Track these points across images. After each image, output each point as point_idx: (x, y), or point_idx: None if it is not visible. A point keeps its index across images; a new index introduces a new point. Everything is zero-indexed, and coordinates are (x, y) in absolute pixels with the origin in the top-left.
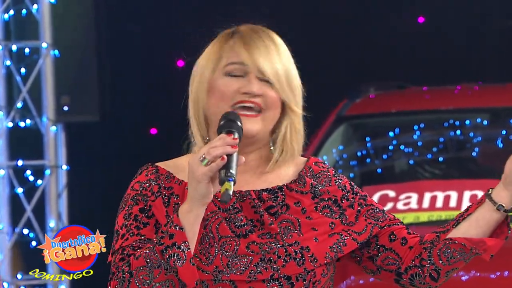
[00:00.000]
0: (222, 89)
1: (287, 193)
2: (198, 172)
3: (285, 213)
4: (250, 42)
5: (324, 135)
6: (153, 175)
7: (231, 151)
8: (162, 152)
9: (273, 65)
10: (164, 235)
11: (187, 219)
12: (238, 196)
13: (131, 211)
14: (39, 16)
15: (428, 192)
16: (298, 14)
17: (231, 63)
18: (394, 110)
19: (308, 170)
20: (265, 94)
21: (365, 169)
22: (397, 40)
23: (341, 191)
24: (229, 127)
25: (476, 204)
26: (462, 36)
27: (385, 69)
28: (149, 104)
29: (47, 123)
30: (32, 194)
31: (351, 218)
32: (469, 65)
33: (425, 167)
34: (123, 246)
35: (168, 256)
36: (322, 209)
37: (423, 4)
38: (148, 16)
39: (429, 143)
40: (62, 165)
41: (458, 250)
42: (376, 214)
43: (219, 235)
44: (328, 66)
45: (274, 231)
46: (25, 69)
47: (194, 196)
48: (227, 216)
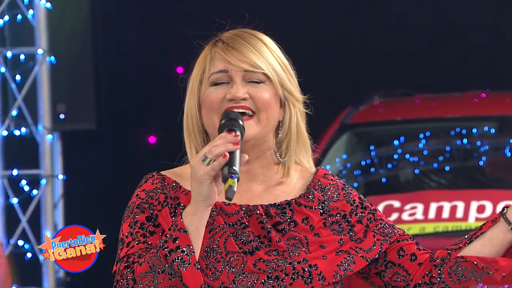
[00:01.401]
0: (209, 100)
1: (296, 208)
2: (200, 172)
3: (292, 230)
4: (232, 46)
5: (327, 143)
6: (159, 183)
7: (233, 148)
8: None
9: (265, 59)
10: (168, 238)
11: (191, 222)
12: (245, 210)
13: (137, 219)
14: (35, 21)
15: (434, 203)
16: (300, 20)
17: (213, 73)
18: (399, 118)
19: (316, 183)
20: (253, 96)
21: (369, 178)
22: (402, 46)
23: (349, 205)
24: (230, 125)
25: (491, 222)
26: (469, 42)
27: (390, 76)
28: (147, 111)
29: (43, 131)
30: (27, 204)
31: (359, 235)
32: (476, 72)
33: (431, 177)
34: (128, 254)
35: (172, 260)
36: (330, 225)
37: (428, 10)
38: (146, 21)
39: (435, 152)
40: (58, 174)
41: (470, 268)
42: (385, 229)
43: (226, 250)
44: (331, 72)
45: (282, 249)
46: (20, 76)
47: (198, 197)
48: (234, 232)
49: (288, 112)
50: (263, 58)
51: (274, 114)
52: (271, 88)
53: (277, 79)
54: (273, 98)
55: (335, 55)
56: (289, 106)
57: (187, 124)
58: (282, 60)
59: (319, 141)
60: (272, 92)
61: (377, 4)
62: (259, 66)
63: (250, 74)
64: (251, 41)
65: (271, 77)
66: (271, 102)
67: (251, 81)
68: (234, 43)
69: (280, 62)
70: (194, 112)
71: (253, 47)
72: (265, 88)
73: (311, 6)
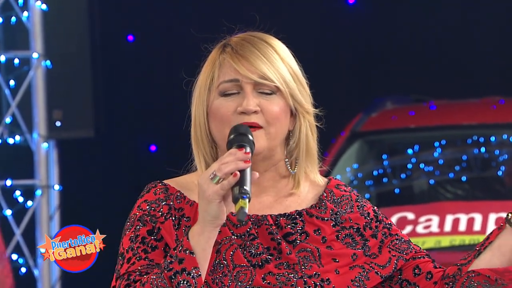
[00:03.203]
0: (220, 112)
1: (307, 219)
2: (209, 191)
3: (304, 241)
4: (242, 54)
5: (337, 152)
6: (163, 194)
7: (243, 166)
8: (162, 170)
9: (275, 70)
10: (173, 259)
11: (198, 243)
12: (253, 221)
13: (138, 233)
14: (30, 24)
15: (450, 215)
16: (310, 25)
17: (222, 82)
18: (413, 125)
19: (329, 193)
20: (264, 109)
21: (381, 189)
22: (416, 50)
23: (363, 218)
24: (240, 141)
25: (497, 230)
26: (486, 46)
27: (403, 81)
28: (148, 118)
29: (38, 139)
30: (21, 216)
31: (374, 250)
32: (494, 77)
33: (447, 187)
34: (129, 271)
35: (177, 283)
36: (343, 238)
37: (442, 13)
38: (147, 23)
39: (451, 161)
40: (54, 185)
41: (483, 282)
42: (401, 245)
43: (233, 263)
44: (342, 78)
45: (293, 261)
46: (15, 82)
47: (206, 217)
48: (242, 243)
49: (298, 123)
50: (274, 68)
51: (283, 127)
52: (282, 100)
53: (288, 91)
54: (283, 110)
55: (345, 59)
56: (299, 117)
57: (195, 132)
58: (293, 69)
59: (329, 149)
60: (283, 104)
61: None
62: (269, 78)
63: (260, 85)
64: (261, 47)
65: (282, 89)
66: (280, 116)
67: (262, 92)
68: (244, 50)
69: (291, 71)
70: (202, 120)
71: (263, 54)
72: (276, 100)
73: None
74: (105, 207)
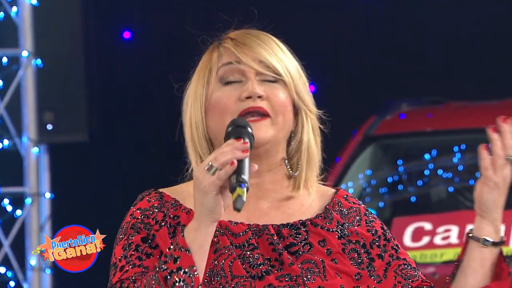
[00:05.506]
0: (222, 102)
1: (311, 229)
2: (205, 183)
3: (307, 252)
4: (243, 42)
5: (349, 157)
6: (157, 201)
7: (241, 156)
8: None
9: (278, 58)
10: (168, 259)
11: (194, 239)
12: (254, 230)
13: (131, 241)
14: (19, 20)
15: (471, 224)
16: (324, 25)
17: (223, 65)
18: (429, 129)
19: (336, 204)
20: (269, 96)
21: (396, 197)
22: (432, 49)
23: (371, 235)
24: (238, 133)
25: (463, 248)
26: (506, 45)
27: (419, 82)
28: (144, 122)
29: (28, 144)
30: (10, 226)
31: (379, 271)
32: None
33: (466, 195)
34: (122, 279)
35: (172, 282)
36: (349, 252)
37: (458, 14)
38: (142, 21)
39: (471, 167)
40: (45, 192)
41: None
42: (408, 272)
43: (232, 274)
44: (354, 78)
45: (295, 273)
46: (3, 81)
47: (202, 211)
48: (241, 254)
49: (300, 123)
50: (277, 57)
51: (289, 120)
52: (286, 90)
53: (291, 82)
54: (288, 101)
55: (358, 59)
56: (302, 116)
57: (191, 134)
58: (295, 63)
59: (340, 154)
60: (288, 94)
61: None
62: (272, 64)
63: (263, 74)
64: (263, 38)
65: (285, 79)
66: (287, 104)
67: (265, 80)
68: (245, 40)
69: (294, 65)
70: (199, 119)
71: (265, 43)
72: (281, 88)
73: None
74: (99, 216)
